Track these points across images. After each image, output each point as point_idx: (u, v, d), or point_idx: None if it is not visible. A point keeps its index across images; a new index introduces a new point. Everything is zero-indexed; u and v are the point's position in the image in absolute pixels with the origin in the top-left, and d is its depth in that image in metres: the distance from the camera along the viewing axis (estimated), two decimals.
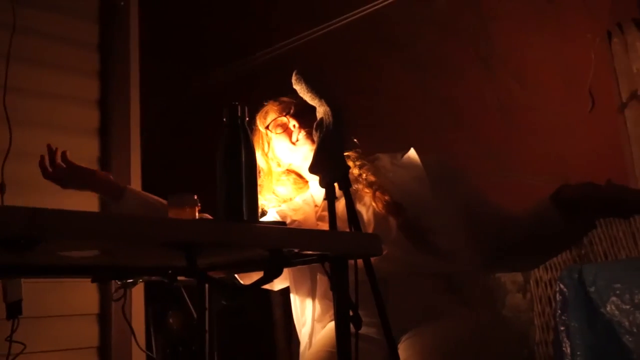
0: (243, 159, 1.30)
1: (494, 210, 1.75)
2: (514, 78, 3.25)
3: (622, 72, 2.83)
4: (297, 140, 1.83)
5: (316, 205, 1.86)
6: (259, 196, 1.75)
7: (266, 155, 1.89)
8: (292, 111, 1.86)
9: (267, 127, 1.87)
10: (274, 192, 1.92)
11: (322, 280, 1.74)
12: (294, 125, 1.84)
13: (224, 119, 1.31)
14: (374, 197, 1.75)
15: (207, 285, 1.64)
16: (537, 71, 3.18)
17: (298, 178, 1.93)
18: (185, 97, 4.33)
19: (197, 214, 1.35)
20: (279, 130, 1.86)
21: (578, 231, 1.67)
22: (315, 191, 1.89)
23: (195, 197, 1.38)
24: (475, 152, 3.26)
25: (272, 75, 1.96)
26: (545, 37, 3.15)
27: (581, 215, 1.63)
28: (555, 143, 3.10)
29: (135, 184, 2.64)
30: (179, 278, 1.45)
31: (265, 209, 1.90)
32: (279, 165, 1.91)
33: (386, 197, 1.73)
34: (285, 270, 1.82)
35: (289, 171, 1.93)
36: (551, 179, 3.06)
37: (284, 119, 1.85)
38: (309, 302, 1.78)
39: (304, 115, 1.83)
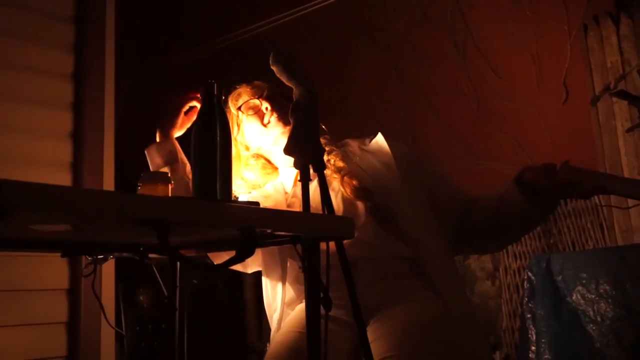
0: (218, 138, 1.30)
1: (458, 194, 1.79)
2: (489, 67, 3.27)
3: (596, 66, 2.86)
4: (269, 123, 1.82)
5: (286, 193, 1.86)
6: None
7: (235, 139, 1.87)
8: (265, 94, 1.84)
9: (238, 109, 1.85)
10: (242, 178, 1.90)
11: (292, 266, 1.74)
12: (267, 108, 1.83)
13: (200, 97, 1.30)
14: (342, 182, 1.76)
15: (178, 264, 1.64)
16: (513, 61, 3.20)
17: (267, 163, 1.91)
18: (162, 73, 4.30)
19: (170, 191, 1.35)
20: (251, 112, 1.85)
21: (541, 212, 1.70)
22: (285, 178, 1.89)
23: (169, 175, 1.37)
24: (448, 139, 3.28)
25: (247, 56, 1.95)
26: (522, 28, 3.17)
27: (543, 197, 1.65)
28: (527, 133, 3.13)
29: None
30: (150, 255, 1.45)
31: (236, 194, 1.89)
32: (247, 149, 1.89)
33: (354, 182, 1.74)
34: (257, 256, 1.82)
35: (258, 156, 1.91)
36: (522, 168, 3.10)
37: (257, 102, 1.84)
38: (279, 287, 1.78)
39: (276, 99, 1.82)
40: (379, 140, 1.83)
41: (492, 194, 1.74)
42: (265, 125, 1.82)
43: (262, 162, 1.90)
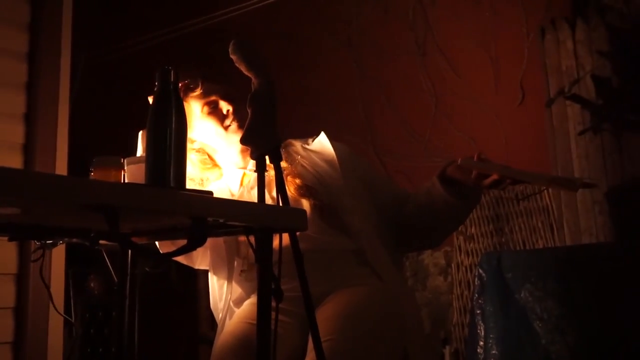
0: (173, 125, 1.28)
1: (396, 191, 1.84)
2: (448, 65, 3.30)
3: (552, 69, 2.92)
4: (229, 127, 1.81)
5: (232, 195, 1.86)
6: None
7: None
8: (230, 95, 1.83)
9: (204, 101, 1.82)
10: None
11: (239, 263, 1.75)
12: (228, 111, 1.82)
13: (156, 83, 1.29)
14: (285, 181, 1.77)
15: (129, 251, 1.62)
16: (471, 60, 3.24)
17: (208, 159, 1.89)
18: (119, 57, 4.23)
19: (122, 177, 1.33)
20: (210, 109, 1.82)
21: (464, 205, 1.74)
22: (230, 180, 1.89)
23: (122, 160, 1.35)
24: (405, 135, 3.30)
25: (207, 43, 1.93)
26: (481, 28, 3.21)
27: (464, 190, 1.70)
28: (483, 132, 3.18)
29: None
30: (101, 242, 1.43)
31: None
32: (190, 141, 1.86)
33: (297, 181, 1.77)
34: (206, 254, 1.82)
35: (202, 151, 1.89)
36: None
37: (223, 102, 1.82)
38: (227, 285, 1.79)
39: (238, 102, 1.81)
40: (322, 139, 1.86)
41: (422, 189, 1.79)
42: (225, 129, 1.81)
43: (204, 157, 1.89)
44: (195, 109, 1.82)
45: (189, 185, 1.86)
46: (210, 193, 1.31)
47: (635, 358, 2.04)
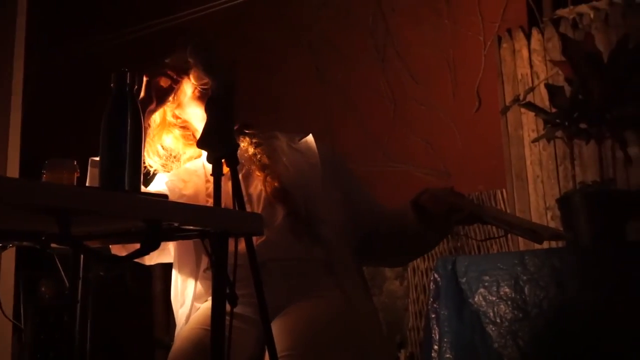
0: (129, 128, 1.27)
1: (372, 205, 1.83)
2: (407, 71, 3.33)
3: (507, 77, 2.98)
4: None
5: (208, 180, 1.84)
6: (145, 154, 1.72)
7: (168, 103, 1.81)
8: None
9: (197, 84, 1.80)
10: (161, 145, 1.87)
11: (205, 261, 1.73)
12: None
13: (112, 85, 1.28)
14: (264, 181, 1.76)
15: (82, 254, 1.59)
16: (430, 67, 3.28)
17: (191, 136, 1.89)
18: (76, 57, 4.17)
19: (75, 180, 1.31)
20: (201, 93, 1.81)
21: (434, 235, 1.75)
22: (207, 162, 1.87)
23: (75, 163, 1.34)
24: (365, 141, 3.32)
25: (166, 46, 1.92)
26: (440, 36, 3.25)
27: (435, 221, 1.71)
28: (440, 138, 3.22)
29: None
30: (53, 245, 1.40)
31: (150, 168, 1.86)
32: (176, 117, 1.87)
33: (276, 184, 1.75)
34: (171, 248, 1.80)
35: (185, 127, 1.89)
36: (435, 172, 3.19)
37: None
38: (190, 281, 1.77)
39: None
40: (309, 141, 1.85)
41: (396, 212, 1.78)
42: None
43: (187, 133, 1.89)
44: (187, 89, 1.81)
45: (157, 160, 1.86)
46: (166, 197, 1.30)
47: None
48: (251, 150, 1.80)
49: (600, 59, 2.43)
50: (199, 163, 1.89)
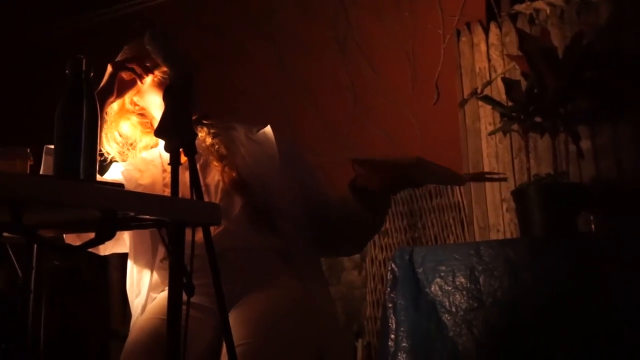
0: (84, 116, 1.26)
1: (326, 194, 1.83)
2: (368, 63, 3.35)
3: (466, 70, 3.01)
4: None
5: (165, 170, 1.83)
6: (103, 140, 1.71)
7: (135, 87, 1.79)
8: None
9: (156, 71, 1.78)
10: (118, 132, 1.85)
11: (162, 251, 1.72)
12: None
13: (67, 72, 1.26)
14: (222, 171, 1.76)
15: (35, 244, 1.57)
16: (390, 60, 3.29)
17: (149, 123, 1.88)
18: (27, 44, 4.08)
19: (28, 168, 1.29)
20: (160, 80, 1.79)
21: (374, 214, 1.75)
22: (165, 151, 1.86)
23: (28, 151, 1.31)
24: (325, 132, 3.33)
25: (125, 32, 1.89)
26: (400, 28, 3.27)
27: (373, 198, 1.72)
28: (400, 130, 3.24)
29: None
30: (5, 234, 1.38)
31: (107, 155, 1.84)
32: (134, 104, 1.85)
33: (234, 174, 1.75)
34: (126, 238, 1.79)
35: (143, 115, 1.87)
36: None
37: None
38: (146, 272, 1.76)
39: None
40: (267, 132, 1.84)
41: (341, 198, 1.79)
42: None
43: (145, 121, 1.87)
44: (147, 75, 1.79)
45: (115, 147, 1.84)
46: (122, 186, 1.29)
47: (537, 349, 2.13)
48: (209, 140, 1.79)
49: (555, 55, 2.48)
50: (155, 153, 1.88)
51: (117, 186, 1.27)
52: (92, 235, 1.20)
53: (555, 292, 2.15)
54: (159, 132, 1.41)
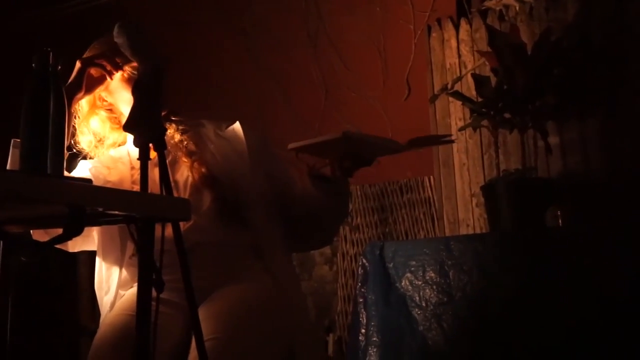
0: (52, 109, 1.24)
1: (296, 188, 1.83)
2: (339, 58, 3.35)
3: (436, 66, 3.03)
4: None
5: (133, 167, 1.82)
6: (78, 134, 1.69)
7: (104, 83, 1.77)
8: None
9: (126, 66, 1.76)
10: (87, 127, 1.83)
11: (131, 248, 1.71)
12: None
13: (33, 65, 1.24)
14: (191, 167, 1.76)
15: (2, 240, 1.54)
16: (361, 54, 3.30)
17: (118, 119, 1.86)
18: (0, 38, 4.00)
19: None
20: (130, 75, 1.77)
21: (334, 199, 1.75)
22: (133, 148, 1.84)
23: None
24: (296, 126, 3.33)
25: (95, 25, 1.87)
26: (371, 23, 3.27)
27: (329, 183, 1.72)
28: (371, 125, 3.24)
29: None
30: None
31: (83, 151, 1.82)
32: (102, 100, 1.83)
33: (203, 170, 1.74)
34: (95, 235, 1.77)
35: (112, 110, 1.86)
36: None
37: None
38: (115, 269, 1.74)
39: None
40: (236, 128, 1.84)
41: (305, 189, 1.79)
42: None
43: (113, 116, 1.85)
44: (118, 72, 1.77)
45: (85, 142, 1.82)
46: (90, 181, 1.27)
47: (505, 342, 2.16)
48: (177, 137, 1.79)
49: (524, 51, 2.51)
50: (123, 150, 1.87)
51: (86, 182, 1.25)
52: (60, 231, 1.18)
53: (523, 286, 2.18)
54: (128, 127, 1.40)
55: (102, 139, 1.85)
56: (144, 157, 1.38)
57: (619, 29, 2.66)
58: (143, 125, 1.39)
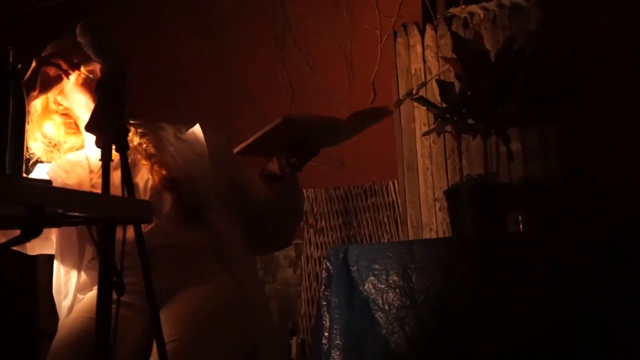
0: (10, 109, 1.22)
1: (247, 189, 1.82)
2: (305, 61, 3.35)
3: (402, 71, 3.05)
4: None
5: (92, 171, 1.79)
6: (28, 139, 1.66)
7: (60, 83, 1.74)
8: None
9: (82, 69, 1.73)
10: (41, 131, 1.80)
11: (89, 251, 1.69)
12: None
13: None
14: (151, 170, 1.74)
15: None
16: (328, 58, 3.31)
17: (73, 124, 1.84)
18: None
19: None
20: (85, 79, 1.74)
21: (283, 196, 1.74)
22: (91, 152, 1.82)
23: None
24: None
25: (58, 23, 1.84)
26: (338, 27, 3.29)
27: (278, 180, 1.72)
28: None
29: None
30: None
31: (32, 157, 1.79)
32: (57, 104, 1.80)
33: (163, 172, 1.73)
34: (49, 240, 1.74)
35: (67, 115, 1.83)
36: (330, 162, 3.23)
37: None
38: (74, 273, 1.72)
39: None
40: (196, 131, 1.83)
41: (259, 190, 1.78)
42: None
43: (69, 121, 1.83)
44: (71, 76, 1.74)
45: (40, 146, 1.79)
46: (50, 182, 1.25)
47: (466, 346, 2.18)
48: (137, 140, 1.77)
49: (488, 58, 2.54)
50: (81, 154, 1.84)
51: (45, 183, 1.23)
52: (18, 232, 1.16)
53: (484, 290, 2.20)
54: (89, 127, 1.38)
55: (57, 144, 1.82)
56: (106, 158, 1.36)
57: (578, 38, 2.71)
58: (105, 126, 1.37)
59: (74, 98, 1.77)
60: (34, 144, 1.79)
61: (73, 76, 1.73)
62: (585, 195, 2.64)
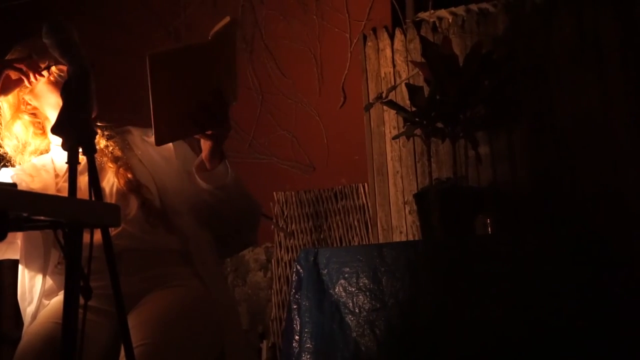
0: None
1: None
2: (275, 64, 3.35)
3: (372, 75, 3.07)
4: None
5: (57, 175, 1.77)
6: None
7: (21, 89, 1.71)
8: None
9: (54, 68, 1.70)
10: (10, 131, 1.77)
11: (55, 256, 1.67)
12: None
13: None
14: (117, 173, 1.72)
15: None
16: (298, 62, 3.31)
17: (42, 125, 1.81)
18: None
19: None
20: (56, 78, 1.72)
21: (215, 189, 1.69)
22: (57, 156, 1.79)
23: None
24: (232, 133, 3.30)
25: (21, 23, 1.81)
26: (308, 31, 3.29)
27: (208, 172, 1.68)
28: (306, 132, 3.26)
29: None
30: None
31: (5, 155, 1.76)
32: (26, 104, 1.77)
33: (129, 175, 1.71)
34: (14, 244, 1.71)
35: (36, 115, 1.80)
36: (299, 166, 3.23)
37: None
38: (39, 278, 1.69)
39: None
40: None
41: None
42: None
43: (37, 121, 1.80)
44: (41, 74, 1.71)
45: (10, 145, 1.75)
46: (15, 185, 1.23)
47: (435, 347, 2.20)
48: (103, 143, 1.75)
49: (456, 62, 2.57)
50: (47, 158, 1.81)
51: (10, 186, 1.21)
52: None
53: (453, 292, 2.22)
54: (56, 129, 1.35)
55: (24, 145, 1.80)
56: (72, 161, 1.34)
57: (544, 44, 2.76)
58: (72, 128, 1.35)
59: (43, 98, 1.74)
60: (9, 143, 1.76)
61: (41, 77, 1.71)
62: (553, 198, 2.68)
